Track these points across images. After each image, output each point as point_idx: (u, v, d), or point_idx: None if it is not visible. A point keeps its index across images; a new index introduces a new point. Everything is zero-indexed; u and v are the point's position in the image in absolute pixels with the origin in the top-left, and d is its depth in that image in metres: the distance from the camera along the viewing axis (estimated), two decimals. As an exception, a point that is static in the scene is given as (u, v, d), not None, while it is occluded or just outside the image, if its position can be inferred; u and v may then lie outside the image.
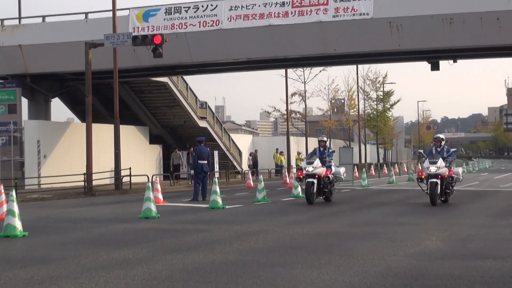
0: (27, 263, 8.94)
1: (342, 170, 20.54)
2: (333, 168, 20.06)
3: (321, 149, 20.00)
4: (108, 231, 12.90)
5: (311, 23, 26.54)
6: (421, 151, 20.87)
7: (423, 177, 17.88)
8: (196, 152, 22.21)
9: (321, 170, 19.17)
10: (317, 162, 19.16)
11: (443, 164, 17.78)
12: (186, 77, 39.18)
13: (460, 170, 19.06)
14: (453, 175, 18.17)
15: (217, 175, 36.18)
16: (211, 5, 27.53)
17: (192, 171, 22.87)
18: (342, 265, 8.51)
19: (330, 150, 20.05)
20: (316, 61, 32.84)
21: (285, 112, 47.44)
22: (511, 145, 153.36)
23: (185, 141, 41.06)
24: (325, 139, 20.44)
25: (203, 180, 21.91)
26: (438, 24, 25.59)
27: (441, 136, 19.16)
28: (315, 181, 18.87)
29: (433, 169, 17.59)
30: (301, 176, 19.27)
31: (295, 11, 26.66)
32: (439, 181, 17.64)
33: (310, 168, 18.95)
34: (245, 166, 45.30)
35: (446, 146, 18.77)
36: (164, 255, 9.48)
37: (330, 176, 19.46)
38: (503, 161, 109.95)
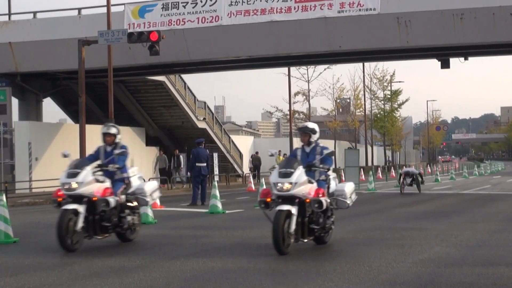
0: (18, 270, 8.95)
1: (147, 186, 11.90)
2: (134, 181, 11.85)
3: (108, 149, 11.65)
4: (102, 237, 12.94)
5: (315, 19, 26.19)
6: (274, 152, 12.23)
7: (268, 200, 10.25)
8: (194, 154, 22.06)
9: (96, 188, 10.90)
10: (86, 175, 10.78)
11: (304, 177, 10.13)
12: (184, 76, 39.09)
13: (347, 187, 11.14)
14: (321, 198, 10.24)
15: (216, 178, 35.58)
16: (210, 0, 27.18)
17: (189, 173, 22.21)
18: (348, 272, 8.46)
19: (121, 150, 11.50)
20: (320, 58, 32.76)
21: (288, 112, 46.94)
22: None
23: (183, 143, 40.88)
24: (113, 131, 11.66)
25: (202, 183, 21.81)
26: (448, 20, 25.19)
27: (311, 125, 11.10)
28: (82, 208, 10.62)
29: (285, 186, 9.98)
30: (60, 200, 10.83)
31: (298, 6, 26.36)
32: (294, 210, 9.95)
33: (73, 184, 10.67)
34: (246, 169, 44.64)
35: (320, 144, 10.98)
36: (161, 262, 9.47)
37: (111, 199, 11.05)
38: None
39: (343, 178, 34.09)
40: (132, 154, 35.71)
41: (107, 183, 11.19)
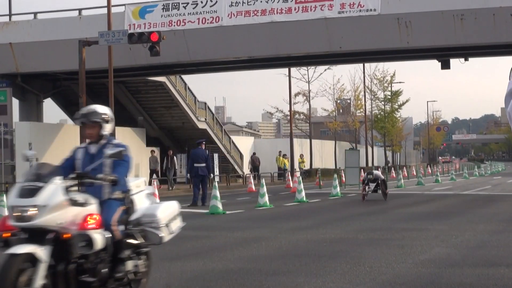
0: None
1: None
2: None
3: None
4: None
5: (316, 20, 26.17)
6: (30, 154, 6.59)
7: (6, 235, 5.84)
8: (192, 154, 22.08)
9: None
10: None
11: (59, 196, 5.87)
12: (185, 77, 39.01)
13: (162, 211, 7.06)
14: (90, 231, 5.97)
15: (217, 179, 35.47)
16: (211, 0, 27.18)
17: (188, 174, 22.27)
18: (348, 273, 8.46)
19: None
20: (320, 59, 32.69)
21: (288, 113, 46.76)
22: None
23: (184, 144, 40.68)
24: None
25: (202, 184, 21.73)
26: (448, 21, 25.17)
27: (101, 109, 6.75)
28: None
29: (27, 211, 5.76)
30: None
31: (298, 7, 26.36)
32: (43, 252, 5.69)
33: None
34: (246, 170, 44.73)
35: (114, 141, 6.77)
36: (162, 262, 9.40)
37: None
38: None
39: (344, 179, 33.77)
40: (132, 155, 35.90)
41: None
